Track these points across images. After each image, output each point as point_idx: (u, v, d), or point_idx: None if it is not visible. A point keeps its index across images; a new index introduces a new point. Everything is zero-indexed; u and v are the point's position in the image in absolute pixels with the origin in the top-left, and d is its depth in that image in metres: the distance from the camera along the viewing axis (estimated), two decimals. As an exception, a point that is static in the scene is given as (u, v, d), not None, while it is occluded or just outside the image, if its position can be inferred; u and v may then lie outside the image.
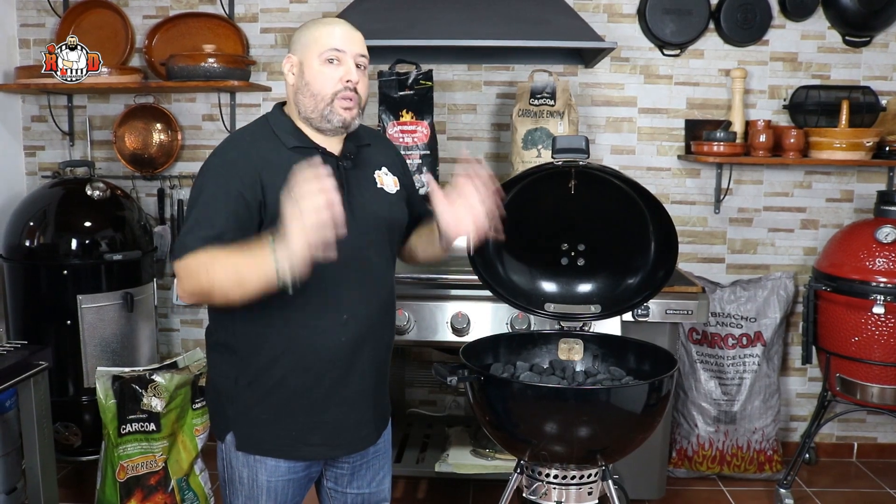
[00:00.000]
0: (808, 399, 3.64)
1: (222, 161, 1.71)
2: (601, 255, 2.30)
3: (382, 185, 1.87)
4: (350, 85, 1.73)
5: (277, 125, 1.78)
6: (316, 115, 1.74)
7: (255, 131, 1.78)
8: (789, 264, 3.58)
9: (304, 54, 1.75)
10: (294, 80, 1.77)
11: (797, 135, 3.26)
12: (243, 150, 1.72)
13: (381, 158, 1.91)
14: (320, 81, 1.72)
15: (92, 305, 3.11)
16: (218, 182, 1.67)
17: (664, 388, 1.95)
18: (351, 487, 1.98)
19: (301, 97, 1.75)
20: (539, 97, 3.22)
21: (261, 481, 1.80)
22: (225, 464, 1.85)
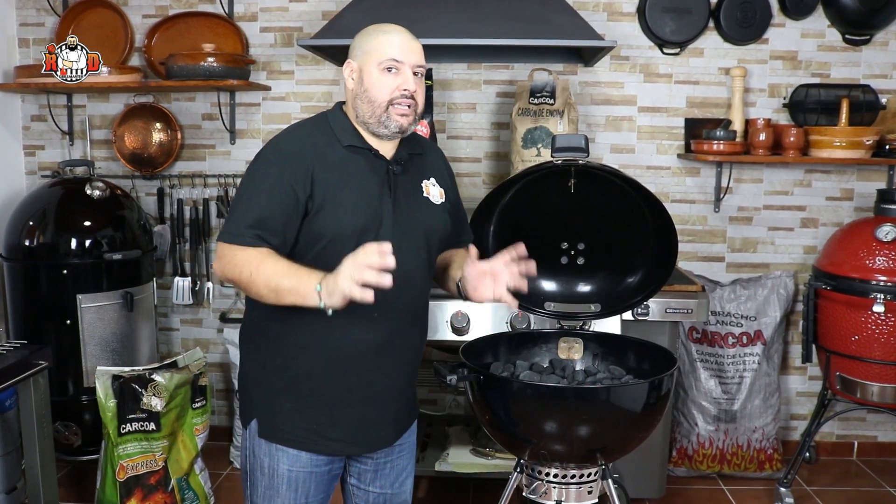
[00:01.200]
0: (808, 398, 3.64)
1: (278, 151, 1.77)
2: (601, 253, 2.30)
3: (428, 194, 1.91)
4: (407, 93, 1.78)
5: (336, 122, 1.84)
6: (373, 120, 1.80)
7: (314, 126, 1.84)
8: (789, 263, 3.58)
9: (363, 61, 1.80)
10: (353, 85, 1.82)
11: (797, 133, 3.26)
12: (299, 143, 1.78)
13: (431, 169, 1.96)
14: (378, 88, 1.78)
15: (92, 305, 3.10)
16: (270, 171, 1.74)
17: (664, 387, 1.95)
18: (374, 486, 2.00)
19: (360, 102, 1.81)
20: (539, 96, 3.21)
21: (281, 471, 1.83)
22: (248, 452, 1.88)
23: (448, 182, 2.01)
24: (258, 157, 1.79)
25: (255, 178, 1.76)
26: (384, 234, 1.77)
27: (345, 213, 1.75)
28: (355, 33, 3.02)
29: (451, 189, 2.01)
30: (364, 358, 1.81)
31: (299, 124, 1.88)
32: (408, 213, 1.84)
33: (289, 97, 3.58)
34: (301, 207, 1.73)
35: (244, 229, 1.70)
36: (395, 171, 1.84)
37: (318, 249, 1.75)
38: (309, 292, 1.62)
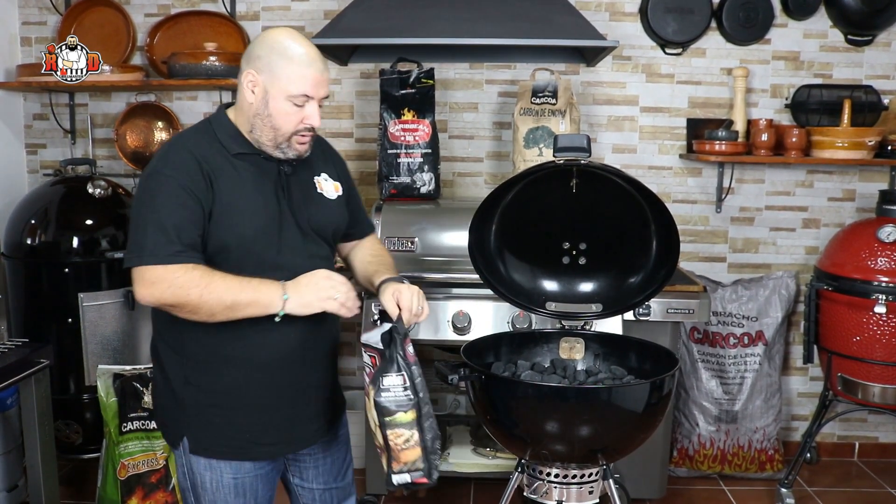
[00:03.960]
0: (809, 398, 3.64)
1: (172, 164, 1.70)
2: (603, 253, 2.30)
3: (322, 190, 1.91)
4: (310, 127, 1.77)
5: (221, 131, 1.78)
6: (271, 145, 1.77)
7: (198, 135, 1.79)
8: (791, 263, 3.58)
9: (271, 84, 1.73)
10: (255, 102, 1.75)
11: (799, 134, 3.26)
12: (188, 154, 1.72)
13: (321, 164, 1.95)
14: (283, 119, 1.74)
15: (93, 303, 3.11)
16: (170, 185, 1.67)
17: (665, 388, 1.95)
18: (317, 482, 2.01)
19: (260, 123, 1.76)
20: (541, 96, 3.21)
21: (226, 481, 1.81)
22: (185, 470, 1.84)
23: (342, 174, 2.00)
24: (151, 174, 1.71)
25: (157, 193, 1.68)
26: (286, 236, 1.79)
27: (242, 219, 1.73)
28: (357, 33, 3.05)
29: (346, 180, 2.01)
30: (284, 360, 1.80)
31: (182, 136, 1.81)
32: (305, 212, 1.84)
33: (290, 96, 3.58)
34: (206, 217, 1.70)
35: (168, 246, 1.64)
36: (286, 171, 1.82)
37: (219, 258, 1.72)
38: (273, 301, 1.68)
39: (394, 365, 1.67)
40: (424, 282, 2.87)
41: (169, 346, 1.82)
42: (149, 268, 1.64)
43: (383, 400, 1.65)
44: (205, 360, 1.78)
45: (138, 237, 1.66)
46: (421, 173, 3.18)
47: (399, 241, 2.96)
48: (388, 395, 1.65)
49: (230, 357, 1.77)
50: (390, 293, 1.83)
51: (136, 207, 1.71)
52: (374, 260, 2.01)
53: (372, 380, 1.69)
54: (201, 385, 1.79)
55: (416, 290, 1.83)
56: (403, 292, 1.81)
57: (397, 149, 3.18)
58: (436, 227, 3.00)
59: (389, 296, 1.82)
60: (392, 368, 1.67)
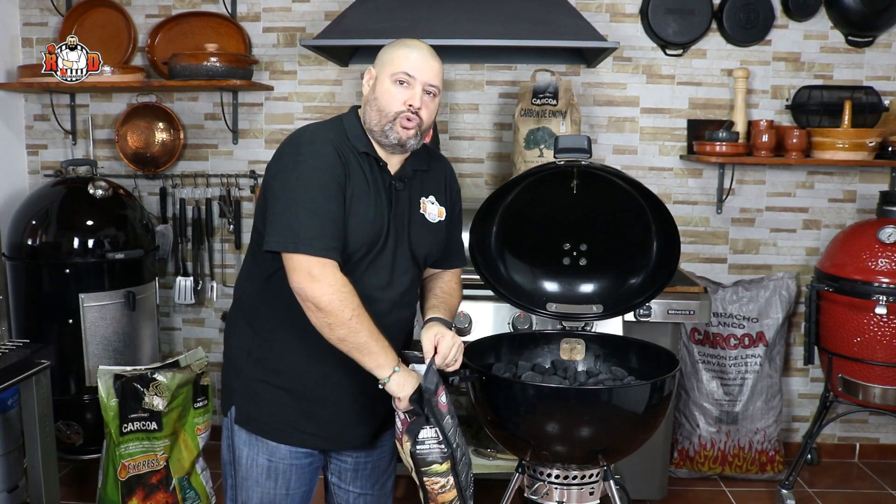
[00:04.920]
0: (809, 399, 3.64)
1: (320, 153, 1.74)
2: (603, 254, 2.30)
3: (424, 211, 1.92)
4: (412, 108, 1.79)
5: (351, 128, 1.84)
6: (377, 128, 1.81)
7: (335, 129, 1.83)
8: (791, 264, 3.58)
9: (380, 70, 1.82)
10: (368, 91, 1.85)
11: (800, 135, 3.26)
12: (332, 147, 1.77)
13: (433, 186, 1.96)
14: (387, 99, 1.80)
15: (94, 304, 3.11)
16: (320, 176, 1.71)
17: (666, 389, 1.95)
18: (354, 486, 2.02)
19: (369, 109, 1.83)
20: (541, 97, 3.21)
21: (261, 462, 1.86)
22: (229, 443, 1.91)
23: (451, 201, 2.01)
24: (297, 161, 1.74)
25: (310, 182, 1.71)
26: (387, 247, 1.82)
27: (361, 223, 1.77)
28: (358, 34, 3.05)
29: (453, 210, 2.01)
30: (345, 360, 1.77)
31: (318, 126, 1.85)
32: (402, 232, 1.86)
33: (291, 97, 3.58)
34: None
35: (328, 241, 1.68)
36: (396, 187, 1.85)
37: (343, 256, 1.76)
38: (386, 366, 1.72)
39: (426, 419, 1.71)
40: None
41: (243, 318, 1.89)
42: (312, 259, 1.66)
43: (419, 452, 1.69)
44: (271, 338, 1.84)
45: (293, 223, 1.68)
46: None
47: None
48: (422, 448, 1.69)
49: (296, 342, 1.82)
50: (433, 334, 1.84)
51: (285, 194, 1.72)
52: (441, 295, 2.00)
53: (408, 429, 1.71)
54: (261, 359, 1.84)
55: (458, 342, 1.85)
56: (446, 338, 1.83)
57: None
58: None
59: (431, 336, 1.84)
60: (424, 422, 1.70)
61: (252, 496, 1.88)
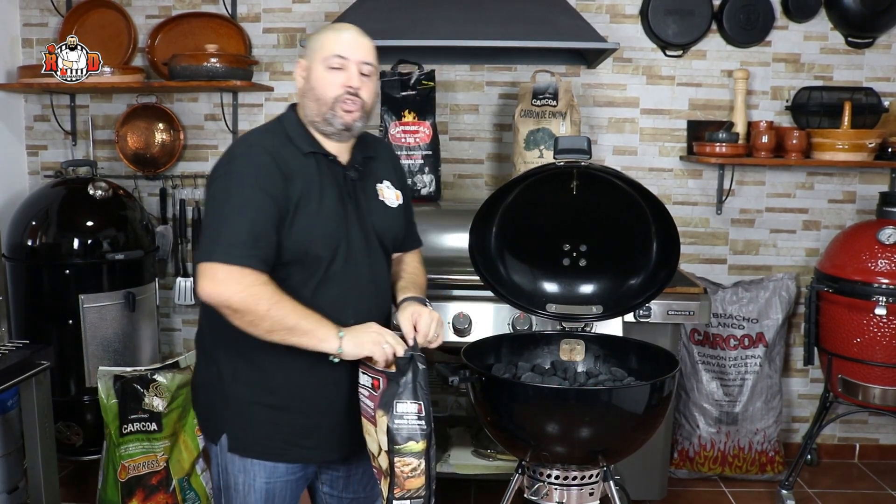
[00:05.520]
0: (809, 400, 3.64)
1: (250, 164, 1.70)
2: (603, 255, 2.30)
3: (383, 198, 1.90)
4: (351, 90, 1.75)
5: (292, 130, 1.80)
6: (319, 118, 1.77)
7: (272, 134, 1.79)
8: (791, 265, 3.58)
9: (312, 59, 1.78)
10: (302, 83, 1.80)
11: (799, 136, 3.26)
12: (267, 155, 1.71)
13: (384, 171, 1.94)
14: (322, 86, 1.75)
15: (94, 305, 3.11)
16: (249, 185, 1.67)
17: (666, 389, 1.95)
18: (347, 492, 1.99)
19: (307, 101, 1.79)
20: (541, 98, 3.21)
21: (258, 486, 1.79)
22: (220, 470, 1.83)
23: (402, 183, 2.00)
24: (229, 174, 1.70)
25: (235, 193, 1.67)
26: (353, 244, 1.78)
27: (315, 222, 1.73)
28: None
29: (405, 190, 2.00)
30: (339, 366, 1.76)
31: (257, 133, 1.81)
32: (368, 220, 1.84)
33: (291, 98, 3.56)
34: (282, 219, 1.69)
35: (243, 248, 1.62)
36: (352, 176, 1.82)
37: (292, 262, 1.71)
38: (329, 336, 1.67)
39: (410, 392, 1.63)
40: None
41: (222, 342, 1.79)
42: (221, 265, 1.62)
43: (397, 427, 1.61)
44: (258, 358, 1.76)
45: (212, 233, 1.66)
46: (422, 175, 3.18)
47: (400, 242, 2.96)
48: (401, 422, 1.61)
49: (286, 358, 1.74)
50: (409, 313, 1.82)
51: (211, 206, 1.71)
52: (407, 277, 1.99)
53: (382, 404, 1.63)
54: (251, 381, 1.78)
55: (436, 317, 1.82)
56: (423, 316, 1.80)
57: (398, 150, 3.18)
58: (436, 229, 3.00)
59: (408, 316, 1.82)
60: (407, 395, 1.62)
61: None
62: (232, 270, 1.61)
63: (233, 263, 1.62)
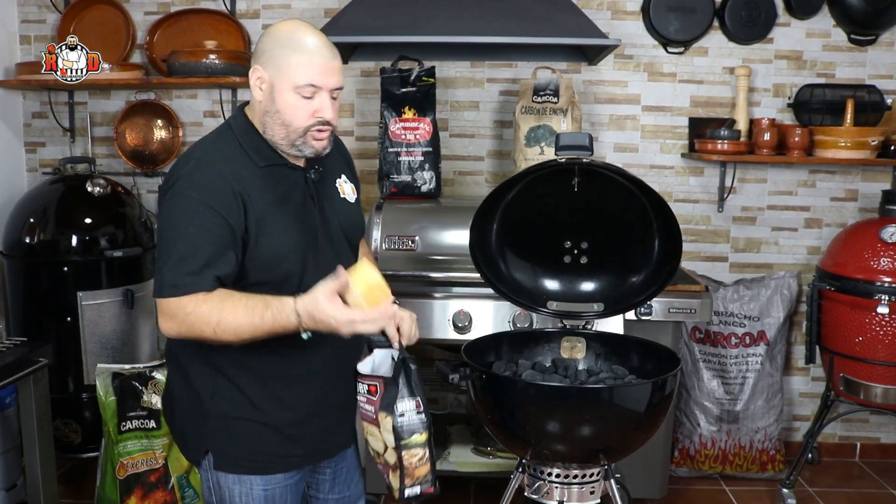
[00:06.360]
0: (810, 399, 3.63)
1: (199, 185, 1.58)
2: (604, 253, 2.28)
3: (344, 194, 1.85)
4: (323, 120, 1.65)
5: (247, 141, 1.67)
6: (286, 143, 1.66)
7: (222, 147, 1.66)
8: (793, 263, 3.56)
9: (276, 77, 1.62)
10: (263, 100, 1.65)
11: (802, 133, 3.24)
12: (218, 172, 1.60)
13: (339, 167, 1.88)
14: (292, 114, 1.63)
15: (92, 302, 3.10)
16: (197, 209, 1.56)
17: (668, 387, 1.94)
18: (333, 493, 1.97)
19: (270, 121, 1.65)
20: (542, 94, 3.20)
21: (256, 494, 1.73)
22: (211, 485, 1.75)
23: (355, 175, 1.94)
24: (177, 195, 1.58)
25: (182, 218, 1.56)
26: (322, 251, 1.72)
27: (280, 236, 1.64)
28: (358, 31, 3.04)
29: (357, 181, 1.94)
30: (318, 372, 1.74)
31: (206, 150, 1.65)
32: (334, 220, 1.77)
33: (291, 95, 3.56)
34: (238, 241, 1.59)
35: (190, 277, 1.53)
36: (313, 178, 1.74)
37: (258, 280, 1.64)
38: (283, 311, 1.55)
39: (407, 391, 1.70)
40: (425, 281, 2.86)
41: (196, 357, 1.70)
42: (166, 300, 1.54)
43: (401, 424, 1.67)
44: (236, 373, 1.69)
45: (161, 265, 1.56)
46: (422, 172, 3.17)
47: (400, 239, 2.94)
48: (404, 419, 1.67)
49: (263, 370, 1.69)
50: None
51: (160, 232, 1.60)
52: None
53: (383, 406, 1.68)
54: (231, 398, 1.70)
55: (414, 317, 1.79)
56: (405, 320, 1.75)
57: (398, 147, 3.17)
58: (437, 226, 2.99)
59: None
60: (405, 394, 1.69)
61: None
62: (174, 304, 1.54)
63: (176, 296, 1.53)
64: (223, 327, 1.54)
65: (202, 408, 1.72)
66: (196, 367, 1.72)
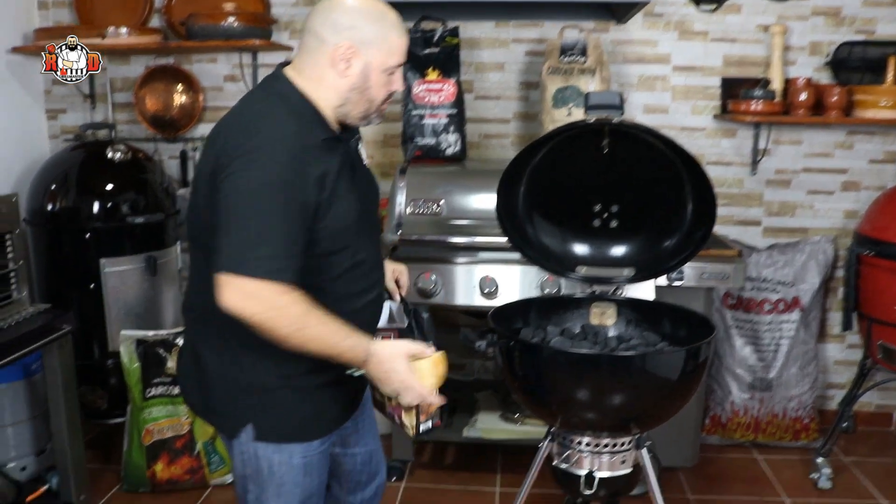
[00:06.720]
0: (846, 366, 3.54)
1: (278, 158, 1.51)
2: (635, 216, 2.21)
3: (365, 158, 1.85)
4: (394, 92, 1.71)
5: (305, 114, 1.62)
6: (360, 116, 1.68)
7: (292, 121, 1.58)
8: (829, 227, 3.46)
9: (372, 56, 1.62)
10: (353, 76, 1.62)
11: (840, 93, 3.12)
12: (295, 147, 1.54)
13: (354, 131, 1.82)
14: (379, 90, 1.67)
15: (115, 269, 3.08)
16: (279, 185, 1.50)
17: (702, 355, 1.88)
18: (359, 447, 1.96)
19: (356, 97, 1.64)
20: (569, 54, 3.10)
21: (296, 463, 1.70)
22: (247, 458, 1.70)
23: None
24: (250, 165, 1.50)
25: (264, 192, 1.49)
26: (367, 215, 1.73)
27: (345, 207, 1.61)
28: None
29: None
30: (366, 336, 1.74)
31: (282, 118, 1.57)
32: (367, 187, 1.77)
33: (312, 58, 3.49)
34: (311, 218, 1.55)
35: (276, 261, 1.47)
36: (353, 146, 1.73)
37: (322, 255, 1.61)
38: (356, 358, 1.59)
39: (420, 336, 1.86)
40: (450, 246, 2.80)
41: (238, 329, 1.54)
42: (249, 279, 1.46)
43: None
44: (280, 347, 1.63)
45: (240, 239, 1.47)
46: (446, 134, 3.10)
47: (424, 203, 2.88)
48: None
49: None
50: (390, 272, 1.95)
51: (235, 203, 1.49)
52: None
53: None
54: (275, 368, 1.65)
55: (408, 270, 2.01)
56: (403, 273, 1.96)
57: (422, 109, 3.10)
58: (462, 190, 2.92)
59: (389, 273, 1.95)
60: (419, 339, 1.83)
61: (293, 499, 1.72)
62: (261, 286, 1.47)
63: (263, 278, 1.47)
64: (301, 335, 1.51)
65: (242, 380, 1.67)
66: (236, 340, 1.64)
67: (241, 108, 1.66)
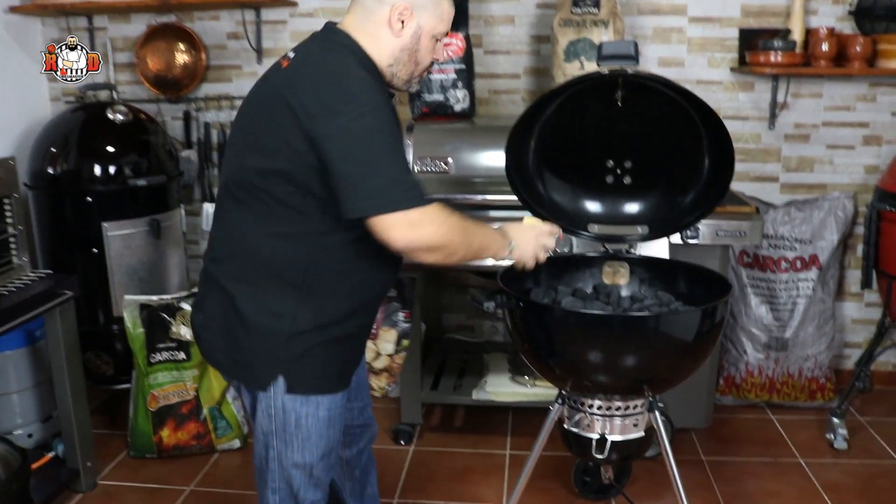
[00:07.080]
0: (864, 325, 3.47)
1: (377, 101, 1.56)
2: (649, 172, 2.14)
3: None
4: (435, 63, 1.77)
5: (373, 71, 1.66)
6: (405, 77, 1.72)
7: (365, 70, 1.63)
8: (848, 183, 3.36)
9: (426, 21, 1.67)
10: (405, 37, 1.66)
11: (864, 43, 3.01)
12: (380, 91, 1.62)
13: None
14: (426, 55, 1.72)
15: (118, 233, 3.03)
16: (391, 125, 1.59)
17: (718, 315, 1.82)
18: (357, 401, 1.98)
19: (405, 58, 1.69)
20: (582, 6, 2.99)
21: (322, 415, 1.71)
22: (274, 412, 1.70)
23: None
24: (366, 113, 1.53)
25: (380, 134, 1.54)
26: None
27: None
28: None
29: None
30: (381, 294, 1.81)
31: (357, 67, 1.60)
32: None
33: (317, 13, 3.40)
34: None
35: (419, 188, 1.56)
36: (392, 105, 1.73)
37: None
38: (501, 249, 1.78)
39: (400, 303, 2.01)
40: (459, 204, 2.73)
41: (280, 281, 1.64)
42: (411, 210, 1.53)
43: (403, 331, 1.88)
44: (321, 295, 1.66)
45: (383, 179, 1.52)
46: (454, 90, 3.01)
47: (432, 161, 2.81)
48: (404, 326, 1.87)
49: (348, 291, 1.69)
50: None
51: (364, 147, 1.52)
52: None
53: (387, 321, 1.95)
54: (313, 320, 1.66)
55: None
56: None
57: (429, 65, 3.01)
58: (471, 147, 2.84)
59: None
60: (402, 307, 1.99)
61: (316, 452, 1.74)
62: (424, 211, 1.55)
63: (421, 205, 1.54)
64: (469, 238, 1.66)
65: (282, 329, 1.65)
66: (276, 293, 1.65)
67: (306, 58, 1.63)
